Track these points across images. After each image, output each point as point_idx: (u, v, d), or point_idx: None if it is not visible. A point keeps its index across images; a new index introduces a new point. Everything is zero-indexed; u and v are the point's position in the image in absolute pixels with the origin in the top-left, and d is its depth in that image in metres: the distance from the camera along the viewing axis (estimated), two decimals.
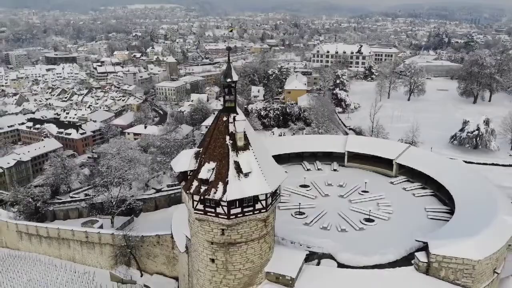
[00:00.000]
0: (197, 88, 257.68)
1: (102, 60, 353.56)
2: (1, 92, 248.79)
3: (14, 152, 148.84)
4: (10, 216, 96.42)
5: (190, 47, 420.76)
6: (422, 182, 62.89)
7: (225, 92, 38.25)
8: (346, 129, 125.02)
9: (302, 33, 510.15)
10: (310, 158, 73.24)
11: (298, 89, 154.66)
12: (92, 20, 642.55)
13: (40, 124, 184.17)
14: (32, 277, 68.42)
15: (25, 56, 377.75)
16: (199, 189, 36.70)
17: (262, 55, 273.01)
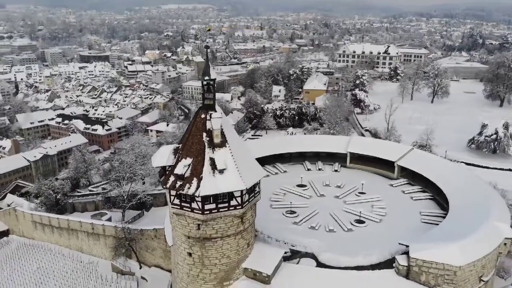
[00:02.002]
0: (222, 88, 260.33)
1: (133, 59, 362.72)
2: (34, 89, 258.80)
3: (42, 146, 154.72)
4: (31, 207, 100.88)
5: (219, 47, 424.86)
6: (423, 186, 61.57)
7: (204, 89, 38.96)
8: (363, 130, 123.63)
9: (332, 33, 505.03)
10: (312, 158, 73.01)
11: (317, 89, 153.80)
12: (126, 20, 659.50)
13: (69, 120, 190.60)
14: (41, 265, 71.62)
15: (60, 54, 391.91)
16: (175, 184, 37.64)
17: (287, 55, 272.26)
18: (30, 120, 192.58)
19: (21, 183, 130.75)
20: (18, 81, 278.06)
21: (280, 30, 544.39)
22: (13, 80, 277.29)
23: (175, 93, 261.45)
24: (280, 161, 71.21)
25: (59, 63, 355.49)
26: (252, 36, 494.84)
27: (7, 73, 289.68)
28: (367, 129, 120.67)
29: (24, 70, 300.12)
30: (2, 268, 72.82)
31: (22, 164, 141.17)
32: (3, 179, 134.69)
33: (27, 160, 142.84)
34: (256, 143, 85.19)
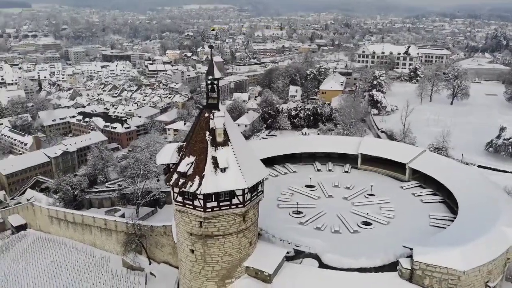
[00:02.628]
0: (240, 87, 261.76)
1: (153, 59, 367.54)
2: (57, 87, 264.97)
3: (62, 143, 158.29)
4: (50, 202, 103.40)
5: (238, 47, 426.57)
6: (434, 188, 60.56)
7: (208, 89, 39.37)
8: (379, 132, 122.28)
9: (353, 33, 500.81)
10: (323, 159, 72.57)
11: (333, 89, 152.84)
12: (148, 19, 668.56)
13: (89, 118, 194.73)
14: (55, 259, 73.45)
15: (83, 53, 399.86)
16: (178, 182, 38.20)
17: (305, 55, 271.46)
18: (52, 118, 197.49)
19: (41, 179, 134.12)
20: (41, 79, 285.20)
21: (300, 30, 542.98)
22: (36, 78, 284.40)
23: (194, 93, 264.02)
24: (290, 161, 71.13)
25: (82, 62, 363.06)
26: (272, 36, 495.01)
27: (31, 71, 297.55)
28: (383, 131, 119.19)
29: (47, 68, 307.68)
30: (18, 261, 74.97)
31: (43, 160, 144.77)
32: (24, 174, 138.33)
33: (47, 156, 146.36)
34: (267, 142, 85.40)
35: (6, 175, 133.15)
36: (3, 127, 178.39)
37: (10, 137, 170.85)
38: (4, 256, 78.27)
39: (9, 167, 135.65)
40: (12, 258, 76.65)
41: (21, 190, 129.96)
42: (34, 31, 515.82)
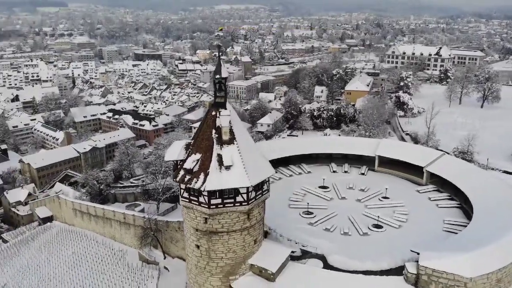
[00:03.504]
0: (267, 87, 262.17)
1: (183, 58, 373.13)
2: (89, 84, 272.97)
3: (91, 139, 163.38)
4: (76, 196, 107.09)
5: (267, 47, 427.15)
6: (451, 193, 59.08)
7: (216, 88, 40.02)
8: (403, 134, 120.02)
9: (384, 34, 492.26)
10: (340, 160, 72.00)
11: (359, 90, 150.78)
12: (180, 20, 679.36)
13: (119, 115, 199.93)
14: (76, 250, 76.00)
15: (116, 52, 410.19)
16: (184, 178, 39.03)
17: (334, 55, 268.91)
18: (84, 114, 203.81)
19: (70, 173, 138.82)
20: (75, 76, 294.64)
21: (330, 30, 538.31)
22: (70, 75, 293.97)
23: None
24: (306, 162, 70.96)
25: (114, 60, 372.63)
26: (301, 36, 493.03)
27: (66, 69, 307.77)
28: (408, 133, 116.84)
29: (81, 66, 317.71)
30: (41, 251, 78.05)
31: (73, 155, 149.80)
32: (54, 168, 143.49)
33: (77, 152, 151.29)
34: (284, 142, 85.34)
35: (37, 168, 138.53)
36: (36, 123, 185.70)
37: (43, 132, 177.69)
38: (29, 246, 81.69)
39: (40, 161, 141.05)
40: (36, 248, 79.90)
41: (51, 183, 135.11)
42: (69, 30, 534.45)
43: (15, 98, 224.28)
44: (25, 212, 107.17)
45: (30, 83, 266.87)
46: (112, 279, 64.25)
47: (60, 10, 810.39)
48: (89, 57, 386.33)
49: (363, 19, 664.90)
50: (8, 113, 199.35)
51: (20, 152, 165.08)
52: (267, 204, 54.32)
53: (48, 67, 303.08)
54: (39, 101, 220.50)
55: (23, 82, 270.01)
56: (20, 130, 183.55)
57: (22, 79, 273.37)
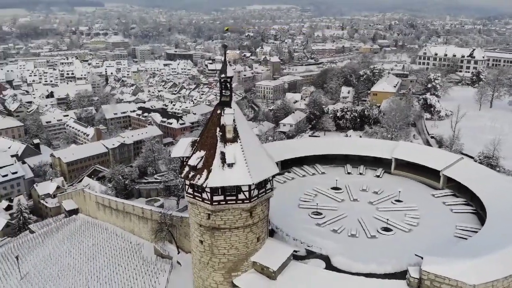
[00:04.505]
0: (294, 88, 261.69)
1: (213, 58, 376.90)
2: (121, 82, 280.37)
3: (120, 135, 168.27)
4: (102, 190, 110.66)
5: (297, 47, 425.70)
6: (467, 198, 57.45)
7: (221, 87, 40.71)
8: (428, 137, 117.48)
9: (418, 34, 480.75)
10: (356, 162, 71.19)
11: (385, 91, 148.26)
12: (212, 20, 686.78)
13: (148, 113, 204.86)
14: (96, 242, 78.69)
15: (149, 51, 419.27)
16: (188, 174, 39.96)
17: (363, 56, 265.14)
18: (114, 111, 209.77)
19: (99, 168, 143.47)
20: (108, 74, 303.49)
21: (362, 30, 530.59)
22: (104, 73, 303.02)
23: (248, 92, 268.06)
24: (321, 162, 70.57)
25: (146, 60, 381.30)
26: (332, 36, 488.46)
27: (99, 67, 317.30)
28: (433, 136, 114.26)
29: (114, 65, 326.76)
30: (64, 242, 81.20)
31: (102, 151, 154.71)
32: (83, 163, 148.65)
33: (106, 147, 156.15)
34: (300, 142, 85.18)
35: (67, 163, 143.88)
36: (69, 119, 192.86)
37: (74, 128, 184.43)
38: (53, 237, 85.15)
39: (70, 156, 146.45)
40: (59, 239, 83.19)
41: (80, 178, 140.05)
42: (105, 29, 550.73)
43: (50, 94, 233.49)
44: (53, 204, 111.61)
45: (65, 80, 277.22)
46: (127, 271, 66.18)
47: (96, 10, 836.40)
48: (122, 56, 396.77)
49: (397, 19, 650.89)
50: (42, 109, 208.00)
51: (52, 147, 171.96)
52: (276, 203, 54.80)
53: (82, 65, 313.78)
54: (73, 98, 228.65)
55: (58, 79, 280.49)
56: (53, 125, 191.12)
57: (58, 77, 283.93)
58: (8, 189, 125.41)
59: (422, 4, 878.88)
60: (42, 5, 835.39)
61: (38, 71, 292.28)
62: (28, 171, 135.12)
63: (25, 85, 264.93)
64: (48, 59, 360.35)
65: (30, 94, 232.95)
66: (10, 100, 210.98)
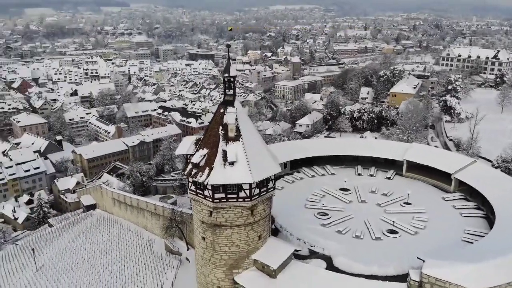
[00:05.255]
0: (314, 88, 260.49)
1: (234, 59, 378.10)
2: (143, 81, 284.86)
3: (140, 133, 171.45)
4: (120, 187, 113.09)
5: (319, 48, 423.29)
6: (479, 202, 56.31)
7: (225, 86, 41.28)
8: (447, 140, 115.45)
9: (443, 35, 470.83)
10: (367, 163, 70.58)
11: (404, 92, 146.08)
12: (234, 20, 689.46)
13: (168, 112, 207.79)
14: (110, 237, 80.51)
15: (171, 51, 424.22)
16: (191, 172, 40.68)
17: (385, 56, 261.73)
18: (136, 110, 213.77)
19: (118, 165, 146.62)
20: (131, 74, 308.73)
21: (385, 31, 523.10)
22: (127, 73, 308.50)
23: (268, 92, 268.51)
24: (331, 163, 70.27)
25: (169, 59, 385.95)
26: (355, 37, 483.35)
27: (123, 66, 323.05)
28: (451, 139, 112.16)
29: (137, 64, 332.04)
30: (80, 236, 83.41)
31: (121, 148, 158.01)
32: (104, 160, 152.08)
33: (126, 145, 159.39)
34: (311, 142, 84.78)
35: (87, 159, 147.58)
36: (91, 116, 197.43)
37: (96, 126, 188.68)
38: (70, 231, 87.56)
39: (91, 152, 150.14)
40: (75, 233, 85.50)
41: (99, 174, 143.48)
42: (129, 29, 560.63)
43: (74, 92, 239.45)
44: (73, 199, 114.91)
45: (89, 79, 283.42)
46: (138, 266, 67.56)
47: (122, 10, 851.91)
48: (145, 55, 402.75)
49: (421, 19, 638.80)
50: (66, 107, 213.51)
51: (75, 144, 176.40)
52: (282, 203, 55.18)
53: (106, 64, 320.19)
54: (96, 96, 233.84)
55: (82, 77, 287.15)
56: (76, 122, 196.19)
57: (82, 75, 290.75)
58: (30, 184, 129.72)
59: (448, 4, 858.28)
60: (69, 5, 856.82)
61: (63, 69, 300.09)
62: (50, 166, 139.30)
63: (50, 83, 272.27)
64: (73, 58, 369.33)
65: (54, 92, 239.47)
66: (35, 97, 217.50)
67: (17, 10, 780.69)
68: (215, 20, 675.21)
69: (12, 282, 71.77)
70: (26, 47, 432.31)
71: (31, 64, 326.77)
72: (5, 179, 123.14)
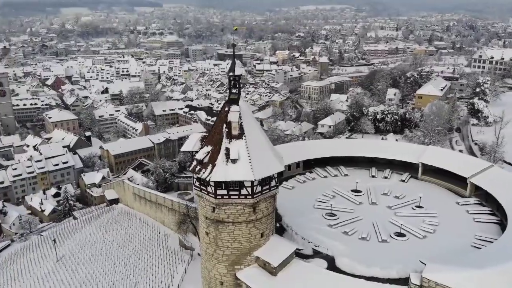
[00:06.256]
0: (342, 89, 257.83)
1: (262, 59, 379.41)
2: (172, 81, 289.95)
3: (166, 131, 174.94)
4: (143, 182, 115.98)
5: (348, 48, 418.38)
6: (494, 208, 54.75)
7: (230, 84, 42.04)
8: (472, 144, 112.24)
9: (477, 36, 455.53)
10: (382, 165, 69.63)
11: (431, 94, 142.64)
12: (264, 20, 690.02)
13: (194, 111, 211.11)
14: (128, 231, 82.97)
15: (201, 51, 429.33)
16: (195, 168, 41.69)
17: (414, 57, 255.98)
18: (163, 108, 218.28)
19: (144, 161, 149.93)
20: (160, 73, 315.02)
21: (418, 31, 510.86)
22: (157, 72, 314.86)
23: (294, 93, 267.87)
24: (346, 164, 69.79)
25: (198, 59, 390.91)
26: (386, 37, 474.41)
27: (153, 66, 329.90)
28: (476, 143, 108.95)
29: (167, 64, 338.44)
30: (100, 229, 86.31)
31: (147, 145, 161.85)
32: (130, 156, 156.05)
33: (151, 142, 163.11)
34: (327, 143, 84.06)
35: (114, 155, 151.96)
36: (120, 114, 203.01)
37: (125, 123, 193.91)
38: (91, 224, 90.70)
39: (118, 149, 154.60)
40: (96, 226, 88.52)
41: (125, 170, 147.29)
42: (161, 29, 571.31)
43: (105, 90, 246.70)
44: (98, 193, 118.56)
45: (120, 77, 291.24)
46: (152, 259, 69.43)
47: (155, 10, 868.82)
48: (175, 55, 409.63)
49: (456, 20, 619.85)
50: (97, 104, 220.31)
51: (103, 140, 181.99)
52: (291, 202, 55.63)
53: (137, 63, 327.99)
54: (125, 94, 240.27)
55: (114, 76, 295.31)
56: (105, 119, 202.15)
57: (113, 73, 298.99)
58: (59, 178, 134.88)
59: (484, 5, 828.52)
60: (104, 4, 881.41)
61: (95, 68, 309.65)
62: (78, 161, 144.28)
63: (83, 80, 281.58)
64: (106, 56, 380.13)
65: (86, 90, 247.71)
66: (68, 94, 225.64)
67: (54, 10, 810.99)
68: (245, 21, 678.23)
69: (33, 271, 75.09)
70: (61, 45, 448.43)
71: (65, 62, 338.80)
72: (34, 172, 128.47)
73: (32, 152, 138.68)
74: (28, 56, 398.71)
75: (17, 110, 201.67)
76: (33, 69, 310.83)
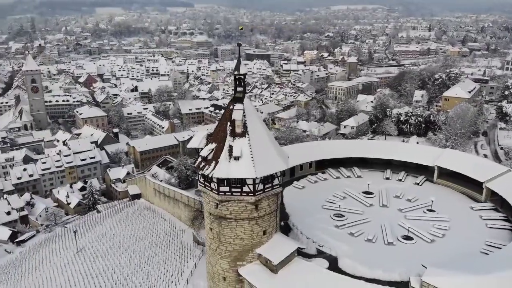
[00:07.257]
0: (369, 89, 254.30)
1: (289, 59, 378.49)
2: (199, 80, 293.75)
3: (191, 129, 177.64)
4: (166, 179, 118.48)
5: (378, 48, 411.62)
6: (509, 214, 53.23)
7: (235, 83, 42.80)
8: (498, 148, 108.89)
9: None
10: (397, 167, 68.85)
11: (458, 96, 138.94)
12: (294, 20, 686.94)
13: (219, 110, 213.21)
14: (146, 225, 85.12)
15: (230, 51, 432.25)
16: (199, 165, 42.73)
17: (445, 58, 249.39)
18: (189, 107, 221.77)
19: (169, 159, 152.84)
20: (189, 72, 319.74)
21: (451, 32, 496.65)
22: (185, 71, 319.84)
23: (320, 93, 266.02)
24: (359, 166, 69.34)
25: (226, 59, 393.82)
26: (417, 38, 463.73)
27: (182, 65, 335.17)
28: (502, 147, 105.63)
29: (195, 63, 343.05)
30: (120, 223, 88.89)
31: (172, 143, 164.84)
32: (155, 153, 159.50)
33: (176, 140, 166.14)
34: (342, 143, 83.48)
35: (140, 151, 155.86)
36: (148, 111, 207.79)
37: (152, 120, 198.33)
38: (113, 217, 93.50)
39: (144, 146, 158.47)
40: (117, 220, 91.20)
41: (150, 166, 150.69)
42: (191, 29, 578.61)
43: (134, 88, 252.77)
44: (122, 188, 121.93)
45: (149, 76, 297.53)
46: (165, 254, 71.01)
47: (186, 10, 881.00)
48: (205, 55, 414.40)
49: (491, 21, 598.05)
50: (126, 101, 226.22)
51: (131, 137, 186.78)
52: (300, 202, 55.97)
53: (167, 63, 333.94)
54: (154, 93, 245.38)
55: (143, 74, 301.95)
56: (133, 117, 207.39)
57: (143, 72, 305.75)
58: (86, 172, 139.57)
59: None
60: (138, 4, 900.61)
61: (126, 66, 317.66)
62: (105, 157, 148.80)
63: (114, 79, 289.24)
64: (137, 55, 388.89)
65: (117, 87, 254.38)
66: (98, 92, 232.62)
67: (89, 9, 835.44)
68: (274, 21, 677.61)
69: (54, 261, 78.28)
70: (95, 44, 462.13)
71: (97, 61, 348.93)
72: (63, 167, 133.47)
73: (61, 147, 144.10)
74: (62, 54, 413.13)
75: (49, 106, 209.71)
76: (67, 66, 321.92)
